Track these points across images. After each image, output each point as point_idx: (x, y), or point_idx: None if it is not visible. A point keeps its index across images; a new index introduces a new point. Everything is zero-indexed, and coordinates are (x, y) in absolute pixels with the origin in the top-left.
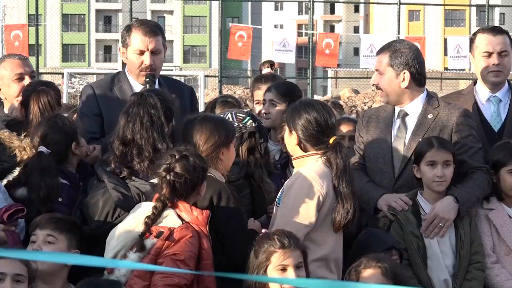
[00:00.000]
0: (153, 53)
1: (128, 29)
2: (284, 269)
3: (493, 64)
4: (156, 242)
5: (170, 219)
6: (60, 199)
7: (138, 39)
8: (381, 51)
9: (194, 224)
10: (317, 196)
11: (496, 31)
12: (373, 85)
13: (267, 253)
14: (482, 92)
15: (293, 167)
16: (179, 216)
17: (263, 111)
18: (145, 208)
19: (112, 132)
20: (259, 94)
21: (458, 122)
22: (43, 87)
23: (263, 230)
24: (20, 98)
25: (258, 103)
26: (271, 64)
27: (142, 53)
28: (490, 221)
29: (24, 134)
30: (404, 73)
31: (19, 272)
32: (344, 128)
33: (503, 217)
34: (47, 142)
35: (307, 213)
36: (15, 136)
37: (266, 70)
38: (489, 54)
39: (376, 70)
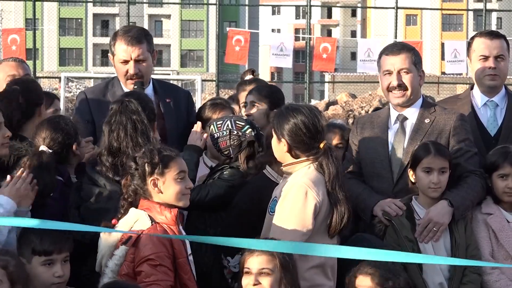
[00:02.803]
0: (137, 61)
1: (113, 37)
2: (248, 273)
3: (489, 68)
4: (129, 249)
5: (141, 222)
6: (51, 194)
7: (121, 48)
8: (399, 50)
9: (164, 224)
10: (314, 204)
11: (493, 35)
12: (397, 85)
13: (244, 256)
14: (479, 97)
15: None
16: (151, 218)
17: (244, 113)
18: (130, 215)
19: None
20: (243, 95)
21: (456, 126)
22: (15, 87)
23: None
24: None
25: (244, 105)
26: (252, 71)
27: (126, 62)
28: (488, 226)
29: None
30: (422, 71)
31: None
32: (330, 137)
33: (501, 222)
34: (48, 142)
35: (304, 221)
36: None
37: (248, 77)
38: (486, 58)
39: (400, 69)
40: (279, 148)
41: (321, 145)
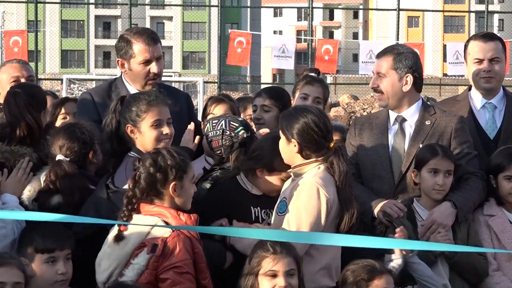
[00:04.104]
0: (157, 60)
1: (126, 41)
2: (274, 275)
3: (484, 71)
4: (151, 257)
5: (159, 229)
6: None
7: (141, 49)
8: (383, 54)
9: (183, 229)
10: (326, 202)
11: (488, 37)
12: (372, 88)
13: (259, 258)
14: (477, 99)
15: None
16: (166, 223)
17: (254, 117)
18: (143, 221)
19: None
20: (309, 89)
21: (457, 128)
22: (16, 90)
23: None
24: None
25: (253, 109)
26: (317, 72)
27: (148, 62)
28: (490, 227)
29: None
30: (407, 76)
31: (18, 280)
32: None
33: (503, 223)
34: (65, 151)
35: (316, 220)
36: None
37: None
38: (480, 61)
39: (377, 73)
40: (288, 149)
41: (331, 145)
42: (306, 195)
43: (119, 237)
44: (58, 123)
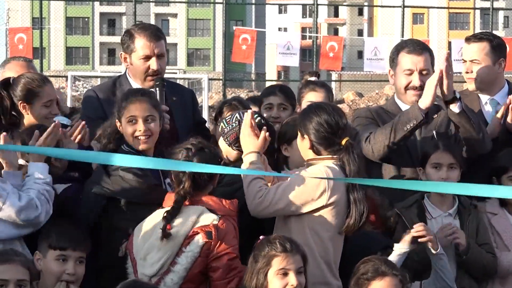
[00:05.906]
0: (158, 57)
1: (130, 35)
2: (285, 274)
3: (466, 72)
4: (205, 244)
5: (206, 217)
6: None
7: (143, 44)
8: (422, 50)
9: (227, 215)
10: (324, 187)
11: (472, 39)
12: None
13: (267, 258)
14: (482, 95)
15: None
16: (211, 211)
17: (271, 115)
18: (187, 211)
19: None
20: (313, 95)
21: None
22: None
23: (261, 237)
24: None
25: (269, 106)
26: (317, 74)
27: (148, 58)
28: (491, 225)
29: None
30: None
31: (22, 277)
32: None
33: (505, 223)
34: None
35: (307, 193)
36: None
37: (313, 79)
38: (464, 62)
39: (422, 70)
40: (303, 145)
41: (343, 142)
42: (311, 171)
43: (167, 235)
44: None
